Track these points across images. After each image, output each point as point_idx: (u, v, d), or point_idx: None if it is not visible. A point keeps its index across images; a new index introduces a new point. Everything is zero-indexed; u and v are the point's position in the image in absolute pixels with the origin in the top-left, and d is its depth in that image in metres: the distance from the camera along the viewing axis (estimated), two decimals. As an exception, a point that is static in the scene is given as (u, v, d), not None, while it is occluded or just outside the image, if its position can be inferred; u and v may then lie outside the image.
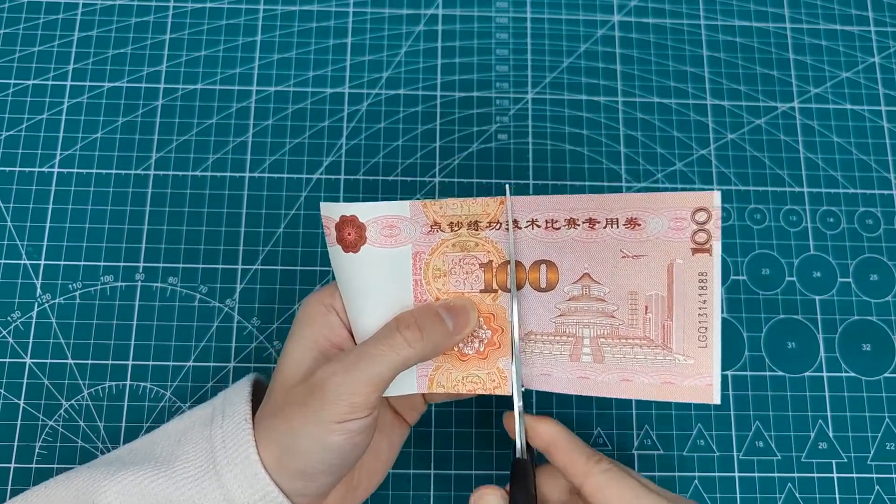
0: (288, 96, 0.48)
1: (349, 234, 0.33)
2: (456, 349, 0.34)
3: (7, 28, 0.49)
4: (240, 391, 0.34)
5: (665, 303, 0.30)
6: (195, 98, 0.48)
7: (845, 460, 0.43)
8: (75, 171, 0.46)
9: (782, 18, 0.51)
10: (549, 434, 0.33)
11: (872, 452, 0.43)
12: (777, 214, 0.47)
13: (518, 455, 0.33)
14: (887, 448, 0.43)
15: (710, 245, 0.30)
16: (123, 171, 0.46)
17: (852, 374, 0.44)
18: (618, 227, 0.31)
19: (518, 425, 0.33)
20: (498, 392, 0.33)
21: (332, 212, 0.33)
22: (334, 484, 0.33)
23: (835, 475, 0.43)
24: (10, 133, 0.47)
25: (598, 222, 0.31)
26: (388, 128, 0.48)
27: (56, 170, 0.46)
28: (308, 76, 0.49)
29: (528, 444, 0.33)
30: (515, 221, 0.33)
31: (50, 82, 0.48)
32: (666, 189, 0.47)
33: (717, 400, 0.31)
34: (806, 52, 0.51)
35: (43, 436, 0.42)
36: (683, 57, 0.50)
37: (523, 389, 0.33)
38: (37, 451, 0.42)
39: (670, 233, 0.30)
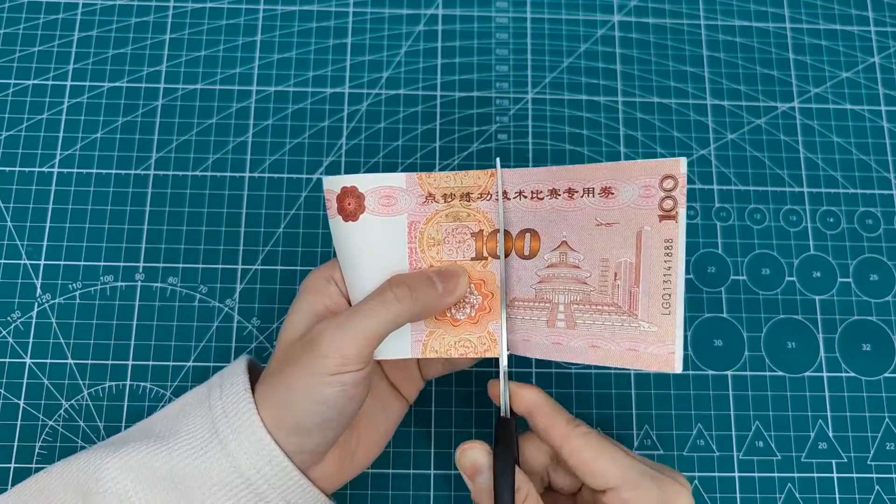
0: (288, 96, 0.48)
1: (349, 204, 0.35)
2: (448, 315, 0.35)
3: (7, 28, 0.49)
4: (235, 367, 0.35)
5: (633, 270, 0.31)
6: (195, 98, 0.48)
7: (845, 460, 0.43)
8: (75, 170, 0.46)
9: (782, 18, 0.51)
10: (531, 399, 0.35)
11: (872, 452, 0.43)
12: (777, 214, 0.47)
13: (502, 415, 0.35)
14: (887, 448, 0.43)
15: (677, 212, 0.30)
16: (123, 171, 0.46)
17: (852, 374, 0.44)
18: (594, 196, 0.32)
19: (503, 386, 0.35)
20: (488, 354, 0.35)
21: (333, 184, 0.35)
22: (330, 443, 0.34)
23: (835, 475, 0.43)
24: (10, 133, 0.47)
25: (577, 192, 0.33)
26: (388, 128, 0.48)
27: (56, 170, 0.46)
28: (308, 76, 0.49)
29: (511, 410, 0.35)
30: (505, 192, 0.35)
31: (50, 82, 0.48)
32: (666, 189, 0.47)
33: (678, 368, 0.31)
34: (806, 52, 0.51)
35: (43, 436, 0.42)
36: (683, 57, 0.50)
37: (508, 354, 0.35)
38: (37, 451, 0.42)
39: (640, 200, 0.31)
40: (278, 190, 0.46)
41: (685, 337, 0.45)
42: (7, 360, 0.43)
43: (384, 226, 0.35)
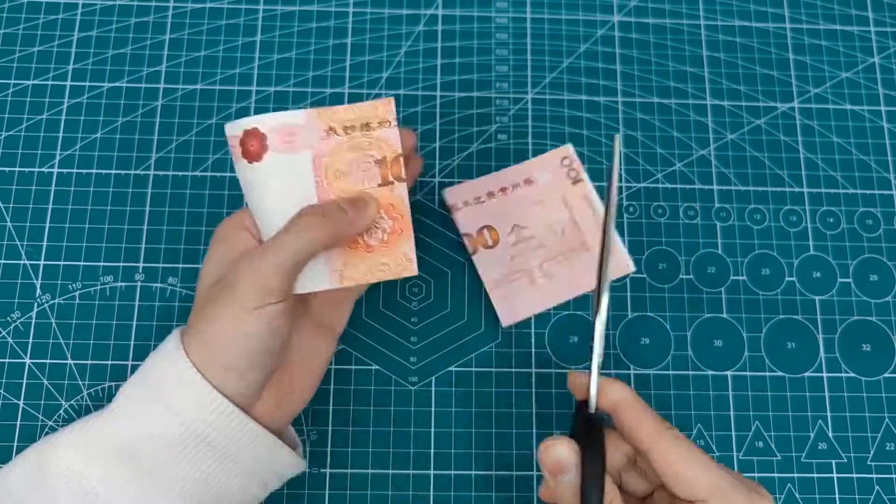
0: (288, 96, 0.48)
1: (252, 146, 0.35)
2: (361, 242, 0.36)
3: (7, 28, 0.49)
4: (169, 335, 0.35)
5: (571, 221, 0.42)
6: (195, 98, 0.48)
7: (845, 460, 0.43)
8: (75, 171, 0.46)
9: (782, 19, 0.51)
10: (619, 395, 0.33)
11: (872, 453, 0.43)
12: (777, 214, 0.47)
13: (591, 411, 0.34)
14: (887, 448, 0.43)
15: (581, 176, 0.42)
16: (123, 172, 0.46)
17: (852, 375, 0.44)
18: (521, 187, 0.42)
19: (594, 380, 0.34)
20: (406, 274, 0.36)
21: (235, 129, 0.35)
22: (263, 381, 0.34)
23: (834, 475, 0.43)
24: (10, 133, 0.47)
25: (508, 188, 0.42)
26: (388, 128, 0.48)
27: (56, 170, 0.46)
28: (308, 76, 0.49)
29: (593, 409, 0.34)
30: (454, 205, 0.43)
31: (50, 82, 0.48)
32: (666, 189, 0.47)
33: (632, 268, 0.45)
34: (806, 53, 0.51)
35: (42, 436, 0.42)
36: (683, 57, 0.50)
37: (509, 327, 0.39)
38: (36, 451, 0.42)
39: (553, 179, 0.42)
40: (278, 190, 0.46)
41: (685, 337, 0.45)
42: (6, 360, 0.43)
43: (288, 163, 0.35)
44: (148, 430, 0.32)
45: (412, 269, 0.36)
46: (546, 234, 0.42)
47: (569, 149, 0.41)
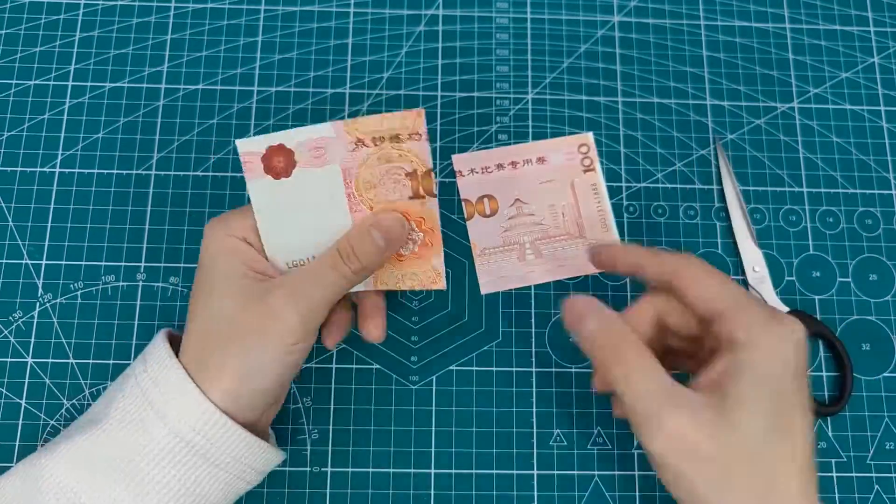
0: (289, 97, 0.48)
1: (279, 162, 0.35)
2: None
3: (9, 28, 0.49)
4: (155, 340, 0.35)
5: (574, 208, 0.41)
6: (196, 98, 0.48)
7: (844, 460, 0.43)
8: (77, 171, 0.46)
9: (782, 19, 0.52)
10: (635, 253, 0.36)
11: (872, 452, 0.43)
12: (776, 214, 0.47)
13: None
14: (887, 447, 0.43)
15: (594, 166, 0.40)
16: (125, 171, 0.47)
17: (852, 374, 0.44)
18: (532, 164, 0.41)
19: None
20: (434, 287, 0.38)
21: (254, 146, 0.35)
22: (279, 398, 0.36)
23: (834, 474, 0.43)
24: (12, 133, 0.47)
25: (519, 163, 0.41)
26: (389, 128, 0.48)
27: (58, 170, 0.46)
28: (309, 76, 0.49)
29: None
30: (459, 171, 0.40)
31: (52, 82, 0.48)
32: (666, 189, 0.47)
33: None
34: (805, 53, 0.51)
35: (44, 435, 0.42)
36: (683, 57, 0.50)
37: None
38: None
39: (566, 162, 0.41)
40: (279, 190, 0.46)
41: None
42: (9, 359, 0.43)
43: (318, 177, 0.35)
44: (142, 442, 0.32)
45: (441, 284, 0.37)
46: (546, 214, 0.41)
47: (588, 137, 0.40)
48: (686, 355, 0.36)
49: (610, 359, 0.33)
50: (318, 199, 0.36)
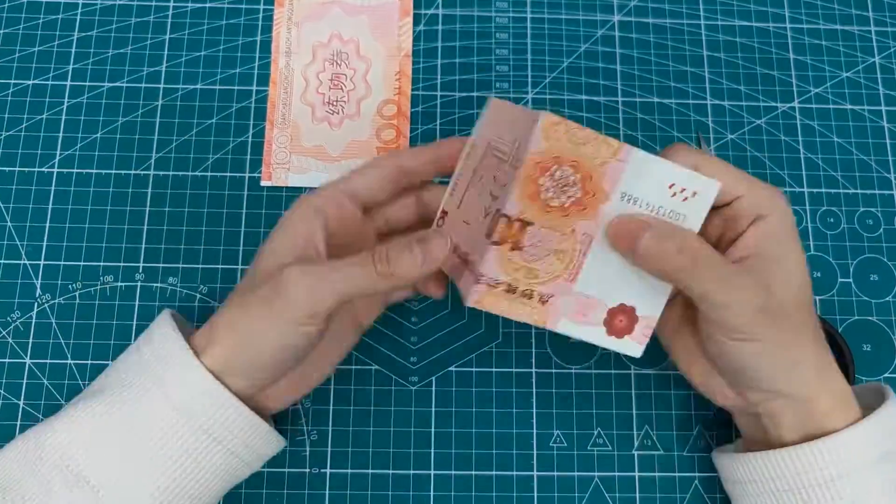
0: (288, 96, 0.48)
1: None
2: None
3: (7, 28, 0.49)
4: (160, 317, 0.36)
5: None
6: (195, 98, 0.48)
7: (845, 460, 0.43)
8: (75, 171, 0.46)
9: (782, 18, 0.51)
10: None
11: (873, 452, 0.43)
12: (777, 214, 0.47)
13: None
14: (887, 448, 0.43)
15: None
16: (123, 172, 0.46)
17: (852, 375, 0.44)
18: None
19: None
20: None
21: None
22: (281, 376, 0.35)
23: (835, 475, 0.43)
24: (10, 133, 0.47)
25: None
26: (388, 128, 0.48)
27: (56, 170, 0.46)
28: (308, 76, 0.49)
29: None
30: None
31: (50, 82, 0.48)
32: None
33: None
34: (806, 52, 0.51)
35: (43, 436, 0.42)
36: (683, 57, 0.50)
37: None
38: (37, 451, 0.42)
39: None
40: (278, 190, 0.46)
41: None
42: (7, 360, 0.43)
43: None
44: (145, 414, 0.33)
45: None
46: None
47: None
48: None
49: (680, 262, 0.32)
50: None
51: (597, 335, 0.35)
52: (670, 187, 0.33)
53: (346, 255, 0.34)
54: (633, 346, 0.35)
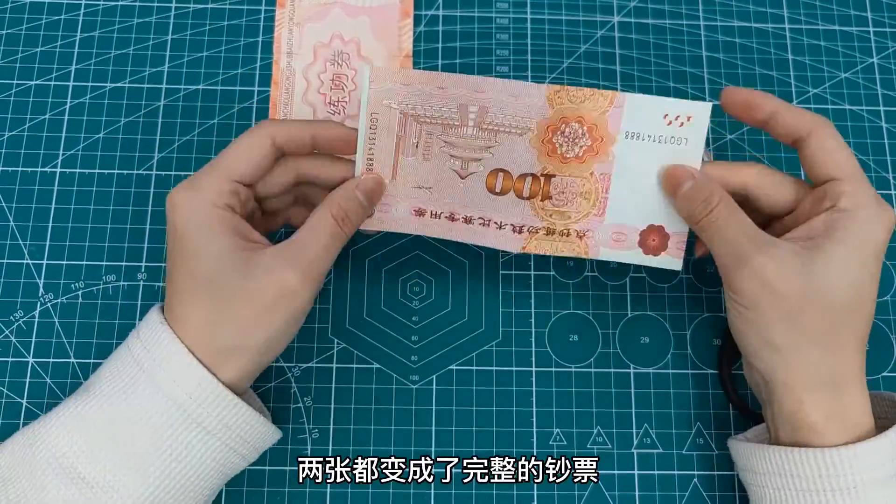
0: (289, 97, 0.49)
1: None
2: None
3: (10, 29, 0.49)
4: (150, 314, 0.36)
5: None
6: (197, 98, 0.48)
7: (844, 459, 0.43)
8: (78, 171, 0.47)
9: (781, 19, 0.52)
10: (771, 100, 0.38)
11: (871, 451, 0.43)
12: (776, 214, 0.47)
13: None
14: (886, 447, 0.44)
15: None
16: (126, 171, 0.47)
17: (851, 373, 0.45)
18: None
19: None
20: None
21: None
22: (268, 364, 0.37)
23: (833, 474, 0.43)
24: (13, 133, 0.47)
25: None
26: (389, 128, 0.48)
27: (59, 170, 0.46)
28: (309, 77, 0.49)
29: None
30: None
31: (52, 83, 0.48)
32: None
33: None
34: (805, 53, 0.51)
35: (46, 434, 0.42)
36: (683, 57, 0.50)
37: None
38: (40, 449, 0.42)
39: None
40: (280, 190, 0.47)
41: (685, 336, 0.45)
42: (10, 359, 0.43)
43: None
44: (135, 405, 0.33)
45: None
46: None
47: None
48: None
49: (701, 211, 0.36)
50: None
51: (635, 256, 0.40)
52: (665, 117, 0.38)
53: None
54: (671, 261, 0.40)
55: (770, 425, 0.37)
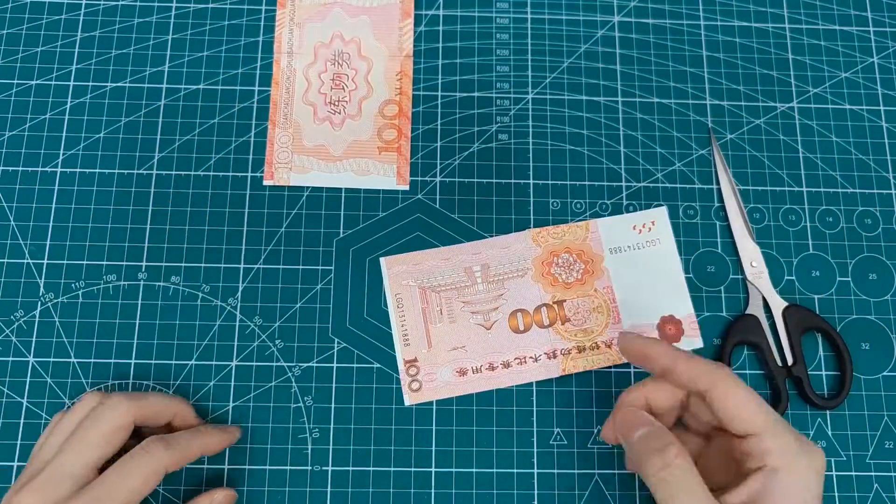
0: (290, 96, 0.49)
1: None
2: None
3: (10, 28, 0.49)
4: None
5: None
6: (197, 98, 0.48)
7: (844, 459, 0.43)
8: (78, 170, 0.47)
9: (781, 19, 0.52)
10: (666, 352, 0.37)
11: (871, 451, 0.43)
12: (776, 214, 0.47)
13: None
14: (886, 446, 0.44)
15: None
16: (126, 171, 0.47)
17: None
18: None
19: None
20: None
21: None
22: None
23: (834, 473, 0.43)
24: (14, 133, 0.47)
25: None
26: (390, 128, 0.48)
27: (59, 169, 0.47)
28: (310, 76, 0.49)
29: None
30: None
31: (53, 82, 0.48)
32: (666, 188, 0.47)
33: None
34: (805, 53, 0.51)
35: (46, 434, 0.42)
36: (683, 57, 0.51)
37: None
38: (40, 449, 0.42)
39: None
40: (280, 189, 0.47)
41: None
42: (10, 358, 0.43)
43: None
44: None
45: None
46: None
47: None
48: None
49: (656, 464, 0.34)
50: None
51: None
52: (633, 228, 0.45)
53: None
54: (691, 342, 0.44)
55: None
